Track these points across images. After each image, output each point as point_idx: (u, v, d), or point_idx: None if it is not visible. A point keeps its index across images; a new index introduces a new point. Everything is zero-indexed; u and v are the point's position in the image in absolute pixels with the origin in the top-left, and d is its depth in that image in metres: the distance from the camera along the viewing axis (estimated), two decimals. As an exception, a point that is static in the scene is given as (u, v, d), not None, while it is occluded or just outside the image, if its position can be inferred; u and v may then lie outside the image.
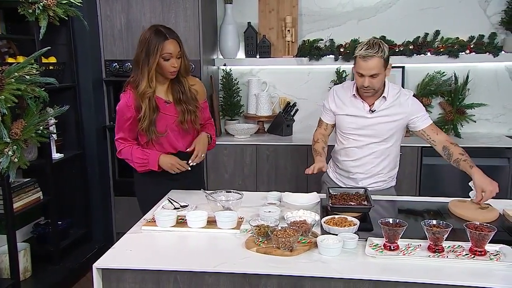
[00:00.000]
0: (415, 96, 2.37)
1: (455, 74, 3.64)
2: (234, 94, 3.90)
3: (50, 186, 3.02)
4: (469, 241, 1.59)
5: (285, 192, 2.16)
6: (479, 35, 3.54)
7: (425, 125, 2.31)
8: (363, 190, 2.13)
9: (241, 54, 3.83)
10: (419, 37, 3.60)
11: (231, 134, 3.67)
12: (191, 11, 3.34)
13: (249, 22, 3.75)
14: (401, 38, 3.62)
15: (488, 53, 3.48)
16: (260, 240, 1.68)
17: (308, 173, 2.17)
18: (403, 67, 3.68)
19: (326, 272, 1.49)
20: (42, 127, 2.48)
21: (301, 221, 1.77)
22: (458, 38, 3.57)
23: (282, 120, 3.72)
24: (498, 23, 3.56)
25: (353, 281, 1.47)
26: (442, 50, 3.54)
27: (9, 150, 2.31)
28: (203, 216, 1.86)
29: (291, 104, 3.81)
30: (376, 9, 3.68)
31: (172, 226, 1.85)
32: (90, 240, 3.54)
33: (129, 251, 1.67)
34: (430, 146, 2.35)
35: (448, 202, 2.10)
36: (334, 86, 2.49)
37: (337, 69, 3.73)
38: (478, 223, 1.62)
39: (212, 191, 2.09)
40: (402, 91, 2.34)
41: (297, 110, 3.83)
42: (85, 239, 3.49)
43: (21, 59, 2.84)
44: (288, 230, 1.64)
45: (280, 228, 1.68)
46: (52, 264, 3.10)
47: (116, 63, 3.46)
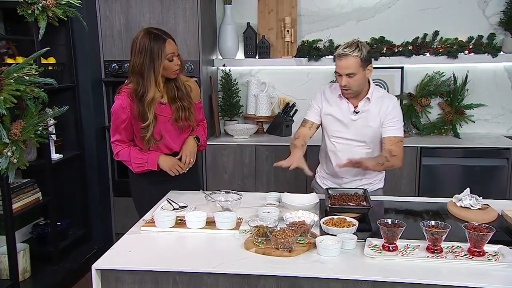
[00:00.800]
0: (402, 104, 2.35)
1: (454, 75, 3.64)
2: (233, 95, 3.90)
3: (49, 187, 3.02)
4: (467, 241, 1.59)
5: (284, 192, 2.16)
6: (478, 36, 3.54)
7: (389, 134, 2.26)
8: (362, 190, 2.13)
9: (240, 55, 3.82)
10: (418, 37, 3.60)
11: (230, 134, 3.67)
12: (190, 12, 3.34)
13: (248, 23, 3.75)
14: (400, 38, 3.62)
15: (487, 53, 3.48)
16: (259, 240, 1.68)
17: (276, 165, 2.18)
18: (402, 68, 3.68)
19: (325, 272, 1.49)
20: (41, 128, 2.48)
21: (300, 221, 1.78)
22: (457, 38, 3.57)
23: (281, 120, 3.72)
24: (497, 24, 3.56)
25: (351, 281, 1.47)
26: (441, 50, 3.53)
27: (8, 151, 2.31)
28: (202, 216, 1.86)
29: (290, 104, 3.81)
30: (375, 9, 3.69)
31: (171, 227, 1.86)
32: (89, 240, 3.54)
33: (128, 252, 1.67)
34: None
35: (447, 203, 2.10)
36: (323, 86, 2.50)
37: (336, 69, 3.73)
38: (477, 224, 1.62)
39: (211, 192, 2.09)
40: (387, 95, 2.37)
41: (296, 111, 3.83)
42: (84, 240, 3.49)
43: (20, 60, 2.85)
44: (287, 231, 1.65)
45: (279, 228, 1.68)
46: (51, 264, 3.10)
47: (115, 64, 3.46)
